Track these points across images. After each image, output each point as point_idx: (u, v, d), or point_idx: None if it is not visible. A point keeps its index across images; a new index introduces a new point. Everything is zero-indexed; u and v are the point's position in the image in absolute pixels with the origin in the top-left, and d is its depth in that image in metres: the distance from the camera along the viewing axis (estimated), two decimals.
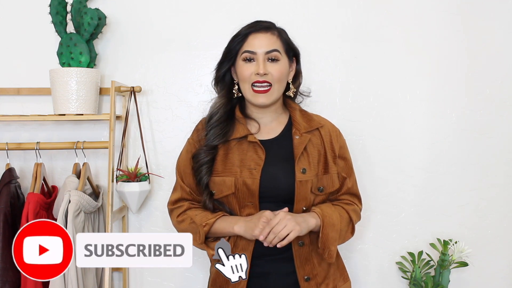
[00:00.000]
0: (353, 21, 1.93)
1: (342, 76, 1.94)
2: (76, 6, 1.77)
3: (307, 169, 1.36)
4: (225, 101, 1.43)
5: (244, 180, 1.34)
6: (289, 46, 1.41)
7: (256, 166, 1.35)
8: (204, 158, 1.37)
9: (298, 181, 1.34)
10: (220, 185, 1.36)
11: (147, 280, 1.96)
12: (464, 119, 1.96)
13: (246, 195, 1.34)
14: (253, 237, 1.29)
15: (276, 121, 1.45)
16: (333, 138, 1.45)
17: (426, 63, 1.94)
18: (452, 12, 1.93)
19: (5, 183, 1.69)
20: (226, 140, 1.39)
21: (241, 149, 1.38)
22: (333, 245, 1.37)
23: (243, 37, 1.37)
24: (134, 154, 1.92)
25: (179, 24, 1.92)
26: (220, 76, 1.44)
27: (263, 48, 1.35)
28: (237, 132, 1.39)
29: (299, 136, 1.39)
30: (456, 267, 1.88)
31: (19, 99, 1.91)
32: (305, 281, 1.36)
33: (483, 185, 1.98)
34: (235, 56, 1.39)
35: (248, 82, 1.36)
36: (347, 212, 1.43)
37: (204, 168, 1.37)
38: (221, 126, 1.39)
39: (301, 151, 1.37)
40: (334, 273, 1.44)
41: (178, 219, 1.42)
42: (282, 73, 1.37)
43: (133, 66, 1.92)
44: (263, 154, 1.36)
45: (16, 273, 1.63)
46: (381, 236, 1.98)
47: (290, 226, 1.26)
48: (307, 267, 1.37)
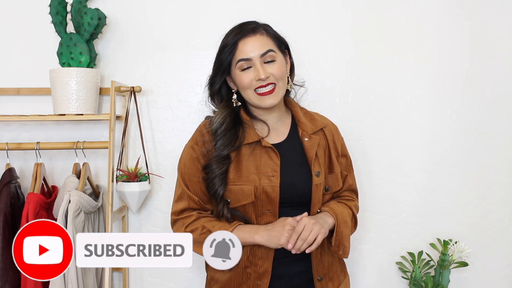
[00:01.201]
0: (353, 21, 1.93)
1: (342, 76, 1.94)
2: (76, 6, 1.77)
3: (320, 172, 1.36)
4: (229, 111, 1.37)
5: (263, 188, 1.30)
6: (279, 40, 1.36)
7: (273, 173, 1.31)
8: (217, 170, 1.31)
9: (314, 185, 1.34)
10: (237, 194, 1.31)
11: (147, 280, 1.96)
12: (464, 119, 1.96)
13: (265, 203, 1.32)
14: (279, 246, 1.27)
15: (281, 121, 1.43)
16: (335, 137, 1.45)
17: (426, 63, 1.94)
18: (452, 12, 1.94)
19: (5, 183, 1.69)
20: (238, 147, 1.33)
21: (254, 154, 1.34)
22: (347, 242, 1.38)
23: (232, 46, 1.31)
24: (134, 154, 1.92)
25: (179, 24, 1.92)
26: (215, 91, 1.39)
27: (256, 52, 1.30)
28: (249, 137, 1.34)
29: (308, 138, 1.38)
30: (456, 267, 1.88)
31: (19, 99, 1.91)
32: (318, 281, 1.37)
33: (483, 185, 1.98)
34: (229, 67, 1.34)
35: (250, 88, 1.32)
36: (350, 208, 1.44)
37: (218, 180, 1.31)
38: (230, 134, 1.34)
39: (314, 155, 1.36)
40: (336, 269, 1.45)
41: (187, 230, 1.35)
42: (282, 70, 1.33)
43: (133, 66, 1.92)
44: (278, 159, 1.33)
45: (16, 273, 1.63)
46: (381, 236, 1.98)
47: (316, 229, 1.26)
48: (319, 267, 1.38)
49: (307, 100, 1.87)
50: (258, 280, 1.33)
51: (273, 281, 1.34)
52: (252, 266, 1.33)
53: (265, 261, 1.32)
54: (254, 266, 1.33)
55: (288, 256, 1.33)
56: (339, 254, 1.37)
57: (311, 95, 1.91)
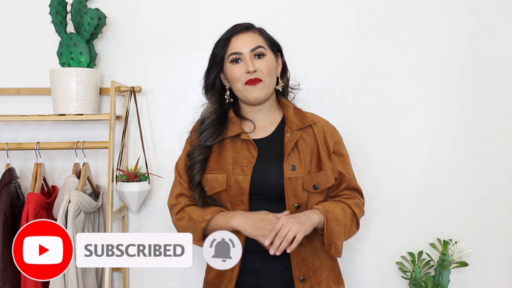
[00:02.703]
0: (353, 21, 1.93)
1: (342, 76, 1.94)
2: (76, 6, 1.77)
3: (297, 166, 1.36)
4: (217, 106, 1.45)
5: (236, 177, 1.35)
6: (271, 41, 1.44)
7: (248, 164, 1.36)
8: (198, 157, 1.40)
9: (287, 178, 1.35)
10: (212, 182, 1.38)
11: (147, 280, 1.96)
12: (464, 119, 1.96)
13: (237, 193, 1.35)
14: (253, 236, 1.28)
15: (270, 119, 1.46)
16: (327, 135, 1.44)
17: (426, 63, 1.94)
18: (452, 12, 1.93)
19: (5, 183, 1.69)
20: (220, 141, 1.41)
21: (234, 147, 1.40)
22: (339, 240, 1.36)
23: (225, 41, 1.40)
24: (134, 154, 1.92)
25: (179, 24, 1.92)
26: (209, 84, 1.47)
27: (247, 47, 1.38)
28: (231, 131, 1.42)
29: (290, 133, 1.41)
30: (456, 267, 1.88)
31: (19, 99, 1.91)
32: (300, 282, 1.36)
33: (483, 185, 1.98)
34: (222, 61, 1.42)
35: (240, 82, 1.38)
36: (349, 206, 1.41)
37: (197, 166, 1.40)
38: (213, 129, 1.42)
39: (291, 148, 1.38)
40: (327, 276, 1.42)
41: (177, 217, 1.43)
42: (270, 67, 1.39)
43: (133, 66, 1.92)
44: (255, 152, 1.38)
45: (16, 273, 1.63)
46: (381, 236, 1.98)
47: (295, 227, 1.25)
48: (303, 267, 1.37)
49: (307, 100, 1.88)
50: (231, 271, 1.36)
51: (254, 275, 1.36)
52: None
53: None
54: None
55: (264, 251, 1.30)
56: (332, 253, 1.36)
57: (311, 95, 1.92)
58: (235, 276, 1.37)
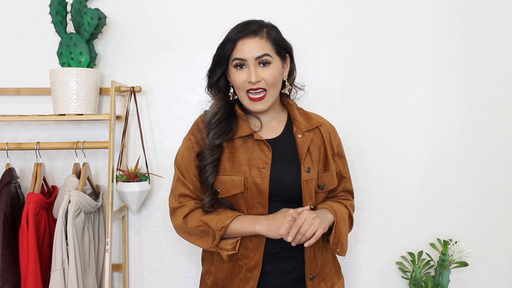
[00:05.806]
0: (353, 21, 1.93)
1: (342, 76, 1.94)
2: (76, 6, 1.77)
3: (311, 168, 1.37)
4: (224, 103, 1.41)
5: (253, 179, 1.32)
6: (279, 45, 1.37)
7: (264, 165, 1.33)
8: (209, 158, 1.34)
9: (304, 180, 1.34)
10: (227, 184, 1.33)
11: (147, 280, 1.96)
12: (464, 119, 1.96)
13: (255, 195, 1.33)
14: (279, 236, 1.27)
15: (276, 119, 1.45)
16: (332, 136, 1.46)
17: (426, 63, 1.94)
18: (452, 12, 1.94)
19: (5, 183, 1.68)
20: (230, 138, 1.37)
21: (247, 147, 1.36)
22: (345, 239, 1.39)
23: (232, 44, 1.34)
24: (134, 154, 1.93)
25: (179, 24, 1.92)
26: (213, 83, 1.42)
27: (252, 54, 1.32)
28: (242, 130, 1.37)
29: (302, 135, 1.39)
30: (456, 267, 1.88)
31: (19, 99, 1.91)
32: (310, 280, 1.37)
33: (483, 185, 1.98)
34: (227, 63, 1.37)
35: (242, 89, 1.35)
36: (346, 207, 1.45)
37: (209, 167, 1.33)
38: (223, 125, 1.37)
39: (306, 151, 1.37)
40: (330, 271, 1.45)
41: (184, 220, 1.36)
42: (275, 76, 1.34)
43: (133, 66, 1.92)
44: (269, 152, 1.35)
45: (16, 273, 1.63)
46: (381, 236, 1.98)
47: (316, 224, 1.26)
48: (312, 266, 1.38)
49: (307, 100, 1.88)
50: (249, 273, 1.34)
51: (264, 277, 1.35)
52: (244, 258, 1.34)
53: (256, 254, 1.33)
54: (246, 259, 1.34)
55: (279, 252, 1.34)
56: (337, 252, 1.38)
57: (311, 95, 1.92)
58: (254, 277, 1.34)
